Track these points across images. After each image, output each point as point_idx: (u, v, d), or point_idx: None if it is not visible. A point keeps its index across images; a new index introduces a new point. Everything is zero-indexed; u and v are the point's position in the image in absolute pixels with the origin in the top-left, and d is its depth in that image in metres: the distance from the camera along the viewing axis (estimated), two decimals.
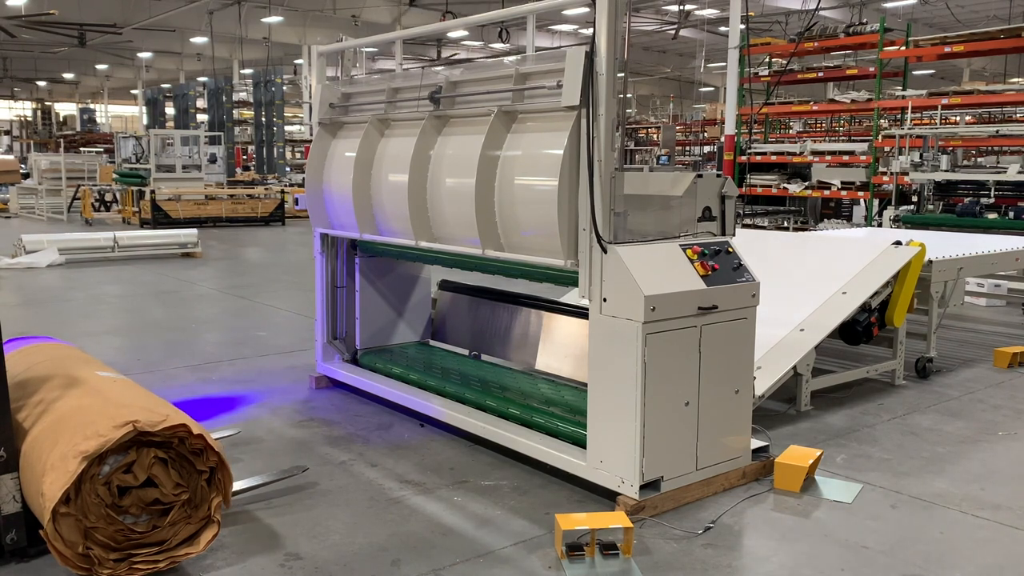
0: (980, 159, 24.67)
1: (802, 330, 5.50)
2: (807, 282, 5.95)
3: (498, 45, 30.82)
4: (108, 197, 20.40)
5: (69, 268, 11.93)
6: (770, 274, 5.09)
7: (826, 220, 15.69)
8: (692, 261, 3.98)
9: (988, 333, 8.02)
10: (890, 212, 12.08)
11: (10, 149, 41.36)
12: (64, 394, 3.56)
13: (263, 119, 29.35)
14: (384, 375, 5.59)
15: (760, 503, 4.05)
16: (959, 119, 19.36)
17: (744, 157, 15.76)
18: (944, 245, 6.91)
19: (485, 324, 5.87)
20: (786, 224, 15.47)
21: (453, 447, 4.78)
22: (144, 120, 36.48)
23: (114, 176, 21.40)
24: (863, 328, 5.73)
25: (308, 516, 3.87)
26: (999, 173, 12.05)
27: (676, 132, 30.12)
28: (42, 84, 47.14)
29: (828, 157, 15.10)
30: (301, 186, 21.29)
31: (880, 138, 14.15)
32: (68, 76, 44.69)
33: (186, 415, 3.36)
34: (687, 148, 34.79)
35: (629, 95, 38.12)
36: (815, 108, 17.18)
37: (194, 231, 13.61)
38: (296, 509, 3.94)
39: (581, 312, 5.15)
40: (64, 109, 49.73)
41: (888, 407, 5.61)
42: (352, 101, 5.56)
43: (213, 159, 22.70)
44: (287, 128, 34.00)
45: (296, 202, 18.20)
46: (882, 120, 15.04)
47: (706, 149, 32.62)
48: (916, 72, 29.96)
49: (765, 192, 15.54)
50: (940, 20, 27.84)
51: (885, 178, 13.54)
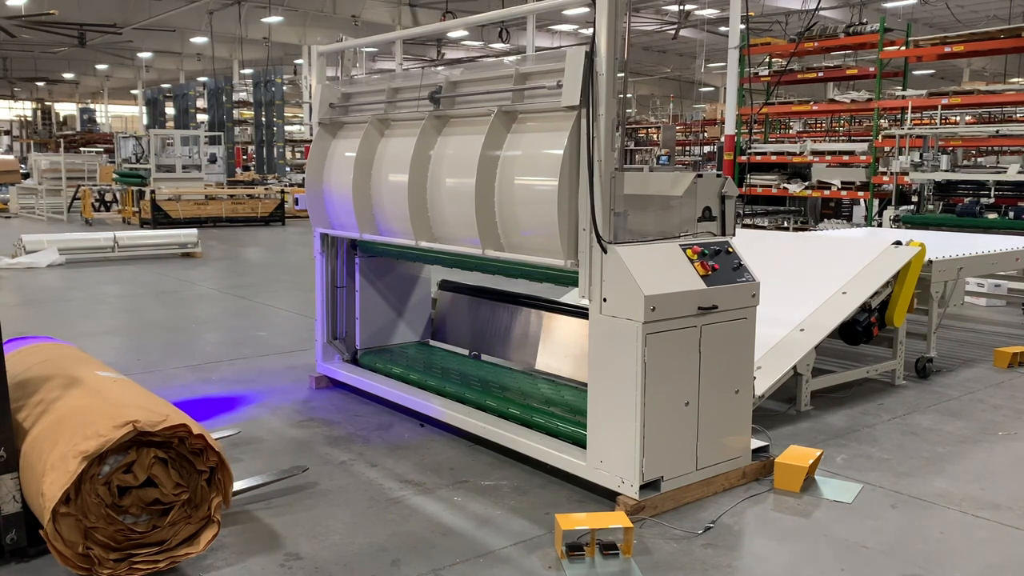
0: (980, 159, 24.68)
1: (802, 330, 5.50)
2: (807, 282, 5.95)
3: (498, 45, 30.82)
4: (108, 197, 20.39)
5: (69, 268, 11.93)
6: (770, 274, 5.08)
7: (826, 220, 15.69)
8: (692, 261, 3.98)
9: (988, 333, 8.02)
10: (890, 212, 12.08)
11: (10, 149, 41.35)
12: (64, 394, 3.56)
13: (263, 119, 29.36)
14: (384, 375, 5.59)
15: (760, 503, 4.05)
16: (959, 119, 19.37)
17: (744, 157, 15.76)
18: (944, 245, 6.91)
19: (485, 324, 5.87)
20: (786, 224, 15.47)
21: (453, 447, 4.78)
22: (144, 120, 36.49)
23: (114, 176, 21.40)
24: (863, 328, 5.73)
25: (308, 516, 3.87)
26: (999, 173, 12.05)
27: (676, 132, 30.12)
28: (42, 84, 47.13)
29: (828, 157, 15.11)
30: (301, 186, 21.28)
31: (880, 138, 14.16)
32: (68, 76, 44.70)
33: (186, 415, 3.37)
34: (687, 148, 34.80)
35: (629, 95, 38.12)
36: (815, 108, 17.19)
37: (194, 231, 13.62)
38: (296, 509, 3.94)
39: (581, 312, 5.15)
40: (64, 109, 49.72)
41: (888, 407, 5.61)
42: (352, 101, 5.56)
43: (213, 159, 22.70)
44: (287, 128, 34.02)
45: (296, 202, 18.18)
46: (882, 120, 15.04)
47: (706, 149, 32.63)
48: (916, 72, 29.96)
49: (765, 192, 15.54)
50: (940, 20, 27.85)
51: (885, 178, 13.54)
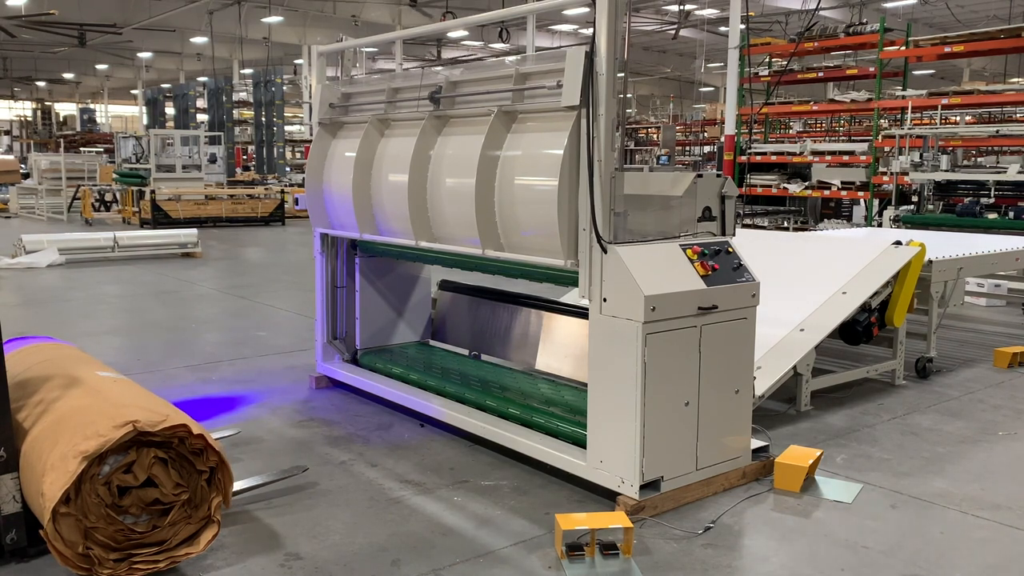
0: (980, 159, 24.68)
1: (802, 330, 5.50)
2: (807, 282, 5.95)
3: (498, 45, 30.82)
4: (108, 197, 20.39)
5: (69, 268, 11.93)
6: (770, 274, 5.08)
7: (826, 220, 15.69)
8: (692, 261, 3.98)
9: (988, 333, 8.02)
10: (890, 212, 12.08)
11: (10, 149, 41.35)
12: (64, 394, 3.56)
13: (263, 119, 29.36)
14: (384, 375, 5.59)
15: (760, 503, 4.05)
16: (959, 119, 19.37)
17: (744, 157, 15.76)
18: (944, 245, 6.91)
19: (485, 324, 5.87)
20: (786, 224, 15.47)
21: (453, 447, 4.78)
22: (144, 120, 36.50)
23: (114, 176, 21.40)
24: (863, 328, 5.73)
25: (308, 516, 3.87)
26: (999, 173, 12.05)
27: (676, 132, 30.12)
28: (42, 84, 47.13)
29: (828, 157, 15.11)
30: (301, 186, 21.28)
31: (880, 138, 14.15)
32: (68, 76, 44.70)
33: (186, 415, 3.37)
34: (687, 148, 34.80)
35: (629, 95, 38.11)
36: (815, 108, 17.18)
37: (194, 231, 13.62)
38: (296, 509, 3.94)
39: (581, 312, 5.15)
40: (64, 109, 49.72)
41: (888, 407, 5.61)
42: (352, 101, 5.56)
43: (213, 159, 22.70)
44: (287, 128, 34.02)
45: (296, 202, 18.18)
46: (882, 120, 15.04)
47: (706, 149, 32.63)
48: (916, 72, 29.96)
49: (765, 192, 15.54)
50: (940, 20, 27.86)
51: (885, 178, 13.54)
